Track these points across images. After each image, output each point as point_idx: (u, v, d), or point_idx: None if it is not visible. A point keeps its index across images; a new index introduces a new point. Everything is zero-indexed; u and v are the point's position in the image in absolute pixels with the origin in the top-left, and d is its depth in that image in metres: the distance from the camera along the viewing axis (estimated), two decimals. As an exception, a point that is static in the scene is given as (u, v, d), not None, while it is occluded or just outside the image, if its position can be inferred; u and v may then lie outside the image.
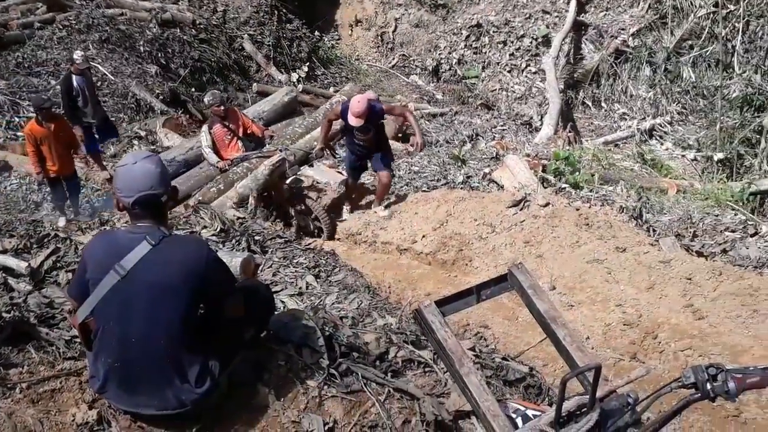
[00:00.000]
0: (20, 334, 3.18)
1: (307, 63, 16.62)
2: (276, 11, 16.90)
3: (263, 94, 14.45)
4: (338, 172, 9.73)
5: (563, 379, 2.14)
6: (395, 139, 11.57)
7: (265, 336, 3.32)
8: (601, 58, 16.05)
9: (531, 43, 16.81)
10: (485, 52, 17.06)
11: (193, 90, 13.93)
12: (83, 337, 2.81)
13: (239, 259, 3.99)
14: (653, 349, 5.62)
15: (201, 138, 8.59)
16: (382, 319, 4.49)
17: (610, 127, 15.42)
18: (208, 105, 8.64)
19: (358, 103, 7.61)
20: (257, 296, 3.15)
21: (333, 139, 9.22)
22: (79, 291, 2.76)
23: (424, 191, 9.24)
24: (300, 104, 13.72)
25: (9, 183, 9.69)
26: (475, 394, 2.45)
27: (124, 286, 2.63)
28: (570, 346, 2.60)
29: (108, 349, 2.71)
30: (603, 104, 15.98)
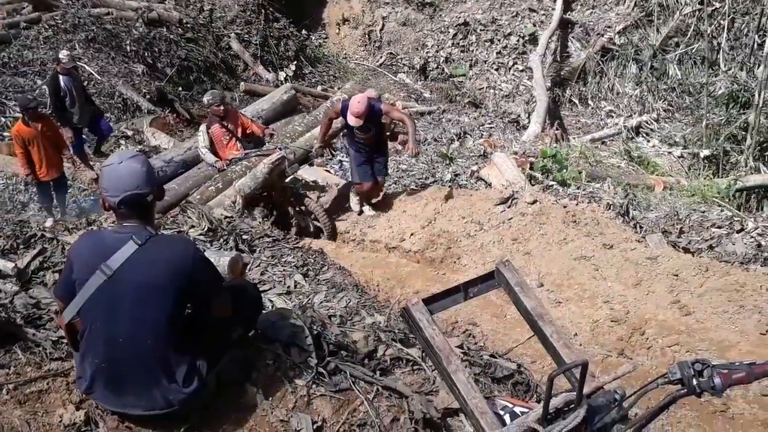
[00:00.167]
0: (7, 335, 3.15)
1: (295, 62, 16.60)
2: (263, 10, 16.85)
3: (251, 93, 14.42)
4: (326, 170, 9.70)
5: (550, 376, 2.14)
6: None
7: (253, 335, 3.32)
8: (588, 55, 16.11)
9: (518, 41, 16.86)
10: (472, 51, 17.09)
11: (180, 89, 13.88)
12: (70, 337, 2.79)
13: (227, 259, 3.97)
14: (641, 345, 5.65)
15: (198, 138, 8.44)
16: (370, 318, 4.49)
17: (597, 124, 15.48)
18: (208, 104, 8.47)
19: (358, 103, 7.55)
20: (245, 295, 3.14)
21: (333, 137, 9.15)
22: (66, 291, 2.75)
23: (412, 189, 9.25)
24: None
25: (-5, 183, 9.62)
26: (463, 392, 2.45)
27: (111, 286, 2.62)
28: (557, 343, 2.61)
29: (95, 350, 2.70)
30: (590, 102, 16.05)
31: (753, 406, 4.86)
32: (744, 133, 12.32)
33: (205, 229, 5.36)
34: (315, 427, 2.98)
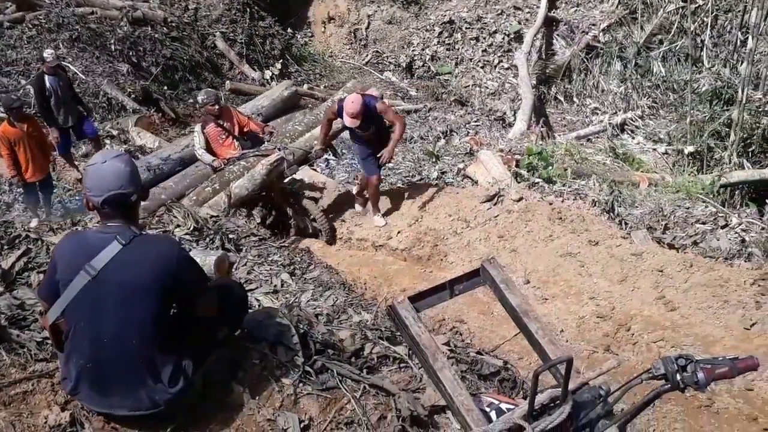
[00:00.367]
0: (-9, 336, 3.14)
1: (281, 60, 16.53)
2: (248, 9, 16.78)
3: (236, 92, 14.36)
4: (313, 169, 9.65)
5: (535, 373, 2.16)
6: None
7: (239, 334, 3.31)
8: (573, 53, 16.16)
9: (503, 39, 16.88)
10: (458, 49, 17.09)
11: (165, 88, 13.79)
12: (54, 338, 2.78)
13: (213, 258, 3.97)
14: (626, 341, 5.69)
15: (194, 139, 8.24)
16: (357, 316, 4.50)
17: (582, 121, 15.52)
18: (202, 104, 8.28)
19: (352, 103, 7.41)
20: (231, 295, 3.13)
21: (334, 137, 8.98)
22: (50, 292, 2.73)
23: (399, 187, 9.25)
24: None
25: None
26: (449, 389, 2.46)
27: (95, 287, 2.61)
28: (542, 339, 2.62)
29: (79, 350, 2.68)
30: (575, 99, 16.10)
31: (738, 401, 4.91)
32: (728, 129, 12.39)
33: (191, 229, 5.34)
34: (302, 425, 2.98)
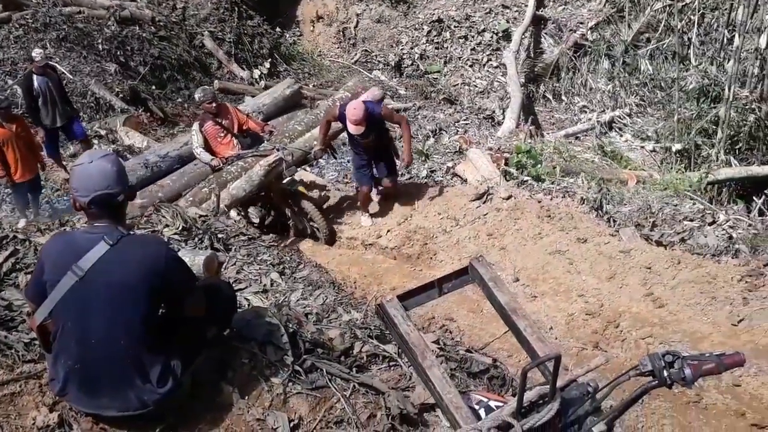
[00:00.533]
0: (-22, 338, 3.12)
1: (269, 59, 16.50)
2: (236, 8, 16.73)
3: (225, 91, 14.31)
4: (303, 168, 9.61)
5: (523, 370, 2.17)
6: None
7: (228, 334, 3.31)
8: (561, 51, 16.19)
9: (492, 37, 16.89)
10: (447, 47, 17.10)
11: (153, 88, 13.74)
12: (42, 339, 2.77)
13: (202, 258, 3.95)
14: (615, 338, 5.71)
15: (192, 138, 8.11)
16: (347, 315, 4.50)
17: (571, 119, 15.55)
18: (199, 102, 8.19)
19: (354, 110, 7.23)
20: (219, 295, 3.13)
21: (334, 138, 8.86)
22: (37, 292, 2.72)
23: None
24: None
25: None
26: (438, 387, 2.47)
27: (83, 287, 2.60)
28: (530, 336, 2.63)
29: (67, 351, 2.67)
30: (563, 97, 16.13)
31: (725, 396, 4.94)
32: (715, 127, 12.44)
33: (180, 229, 5.32)
34: (292, 425, 2.98)
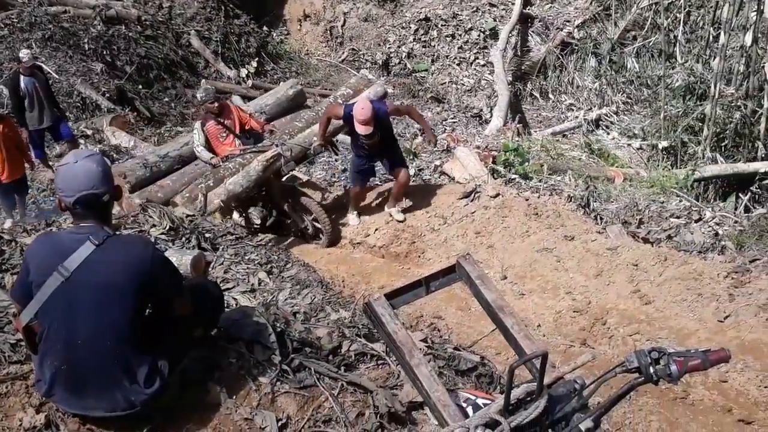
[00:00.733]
0: (-37, 339, 3.10)
1: (256, 58, 16.47)
2: (223, 6, 16.71)
3: (212, 91, 14.24)
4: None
5: (510, 368, 2.17)
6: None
7: (215, 334, 3.29)
8: (548, 50, 16.24)
9: (479, 36, 16.93)
10: (434, 46, 17.12)
11: (140, 87, 13.69)
12: (28, 340, 2.75)
13: (189, 257, 3.94)
14: (602, 335, 5.74)
15: (193, 136, 8.10)
16: (335, 314, 4.49)
17: (558, 117, 15.60)
18: (201, 102, 8.20)
19: (362, 110, 7.14)
20: (207, 294, 3.12)
21: (335, 134, 8.80)
22: (22, 293, 2.71)
23: (376, 184, 9.25)
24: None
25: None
26: (426, 385, 2.47)
27: (68, 288, 2.59)
28: (517, 334, 2.63)
29: (54, 352, 2.66)
30: (550, 95, 16.18)
31: (712, 392, 4.97)
32: (701, 124, 12.52)
33: (167, 228, 5.30)
34: (280, 424, 2.98)
